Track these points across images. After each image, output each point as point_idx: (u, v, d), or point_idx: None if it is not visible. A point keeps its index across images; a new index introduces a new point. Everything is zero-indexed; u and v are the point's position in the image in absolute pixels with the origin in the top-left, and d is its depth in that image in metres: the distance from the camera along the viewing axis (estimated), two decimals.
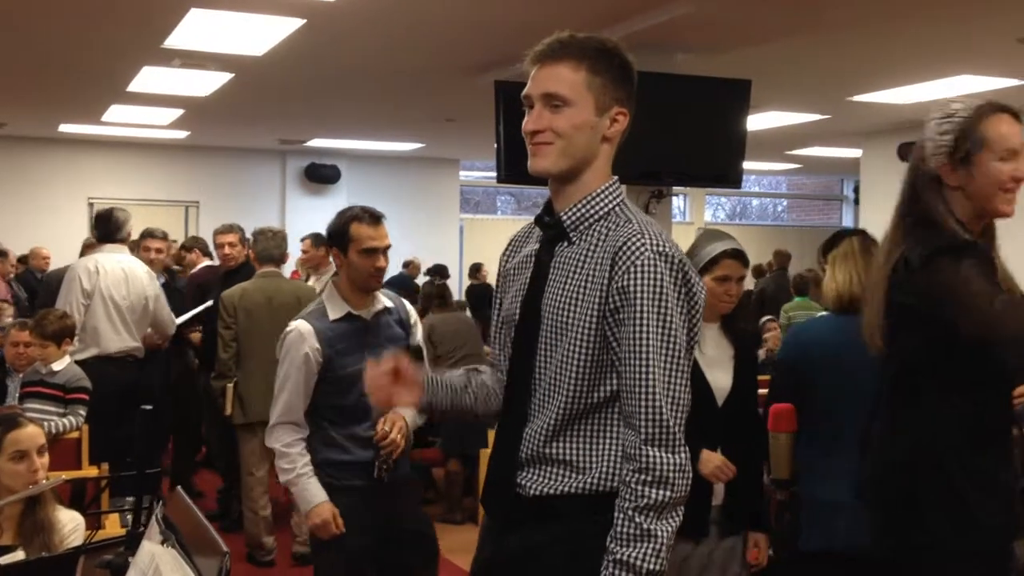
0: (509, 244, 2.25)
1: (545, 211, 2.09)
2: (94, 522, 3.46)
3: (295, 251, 7.15)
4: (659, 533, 1.84)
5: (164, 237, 6.69)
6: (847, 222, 17.09)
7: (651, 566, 1.84)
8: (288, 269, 11.76)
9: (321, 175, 13.40)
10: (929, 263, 2.33)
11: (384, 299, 3.45)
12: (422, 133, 11.67)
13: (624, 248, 1.91)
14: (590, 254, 1.97)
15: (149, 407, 2.21)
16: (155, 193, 12.90)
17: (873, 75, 7.93)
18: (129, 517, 3.84)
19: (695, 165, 6.31)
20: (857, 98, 8.75)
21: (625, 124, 2.01)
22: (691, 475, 1.89)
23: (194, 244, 7.70)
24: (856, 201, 14.91)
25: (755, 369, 3.25)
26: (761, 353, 7.98)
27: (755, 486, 3.12)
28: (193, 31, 6.44)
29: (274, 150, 13.26)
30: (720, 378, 3.13)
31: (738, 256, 3.18)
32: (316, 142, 12.53)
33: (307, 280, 6.86)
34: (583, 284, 1.95)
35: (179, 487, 1.74)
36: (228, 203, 12.67)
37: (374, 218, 3.34)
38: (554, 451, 1.98)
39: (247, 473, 5.58)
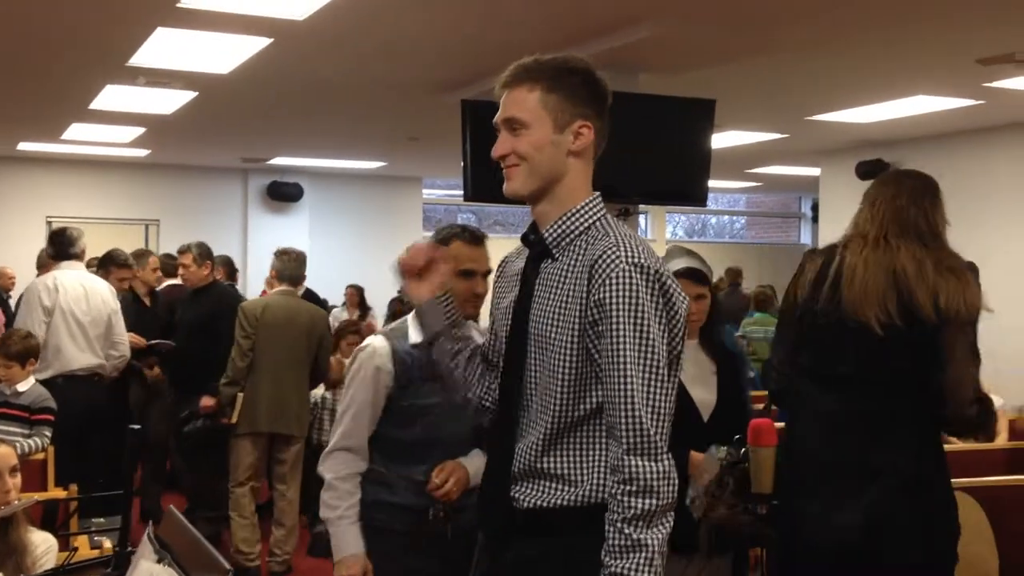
0: (499, 265, 2.29)
1: (531, 229, 2.13)
2: (65, 543, 3.43)
3: (265, 270, 7.15)
4: (650, 542, 1.86)
5: (127, 264, 6.57)
6: (805, 239, 17.30)
7: (645, 575, 1.86)
8: (253, 286, 11.71)
9: (283, 193, 13.35)
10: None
11: (478, 335, 2.93)
12: (386, 151, 11.68)
13: (600, 261, 1.95)
14: (571, 269, 2.01)
15: (137, 426, 2.21)
16: (115, 211, 12.77)
17: (831, 95, 8.06)
18: (97, 538, 3.83)
19: (661, 183, 6.37)
20: (816, 118, 8.89)
21: (591, 137, 2.05)
22: (676, 482, 1.92)
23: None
24: (814, 219, 15.11)
25: (742, 384, 3.26)
26: None
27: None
28: (159, 49, 6.42)
29: (236, 168, 13.19)
30: (703, 394, 3.12)
31: (691, 275, 3.17)
32: (279, 160, 12.49)
33: None
34: (564, 299, 1.99)
35: (171, 507, 1.74)
36: (189, 221, 12.57)
37: (475, 237, 2.96)
38: (546, 465, 2.01)
39: (237, 483, 5.63)
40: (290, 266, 5.83)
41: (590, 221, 2.05)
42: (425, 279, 2.23)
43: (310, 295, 7.34)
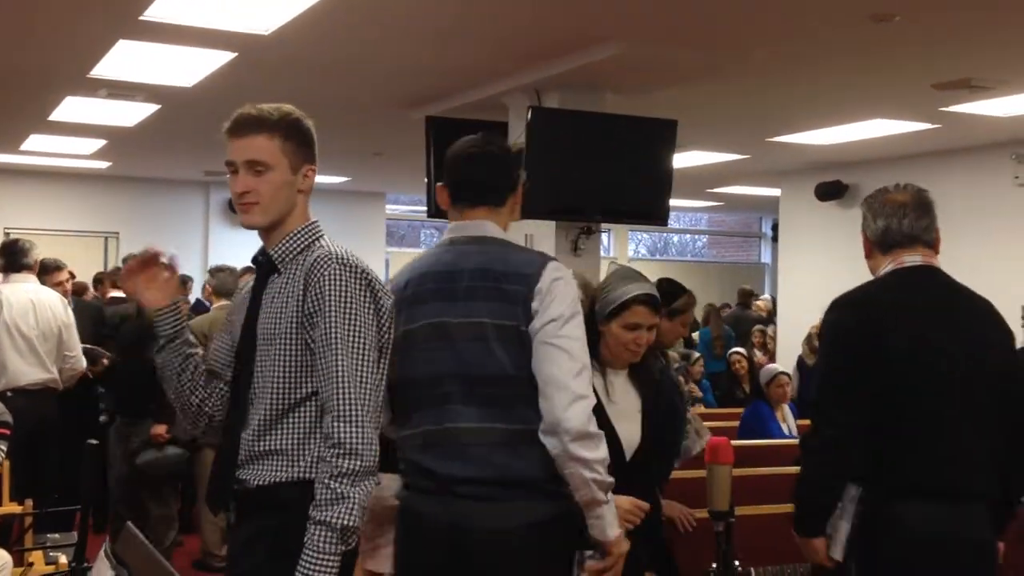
0: (236, 293, 2.61)
1: (260, 252, 2.42)
2: (19, 559, 3.39)
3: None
4: (352, 495, 2.11)
5: (58, 267, 6.44)
6: (765, 259, 17.47)
7: (346, 521, 2.10)
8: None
9: None
10: None
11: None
12: (349, 166, 11.66)
13: (315, 264, 2.26)
14: (292, 278, 2.31)
15: (95, 441, 2.20)
16: (74, 224, 12.64)
17: (792, 118, 8.17)
18: (53, 554, 3.79)
19: (623, 202, 6.39)
20: (776, 139, 9.00)
21: (314, 177, 2.41)
22: (377, 449, 2.15)
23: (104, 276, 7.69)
24: (774, 238, 15.25)
25: (675, 423, 3.11)
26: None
27: (658, 541, 3.04)
28: (121, 62, 6.39)
29: (198, 181, 13.11)
30: (628, 430, 2.92)
31: (650, 302, 2.90)
32: None
33: None
34: (285, 300, 2.29)
35: (128, 523, 1.74)
36: (149, 234, 12.41)
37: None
38: (268, 446, 2.25)
39: None
40: (227, 282, 6.06)
41: (309, 240, 2.37)
42: (154, 286, 2.42)
43: None
